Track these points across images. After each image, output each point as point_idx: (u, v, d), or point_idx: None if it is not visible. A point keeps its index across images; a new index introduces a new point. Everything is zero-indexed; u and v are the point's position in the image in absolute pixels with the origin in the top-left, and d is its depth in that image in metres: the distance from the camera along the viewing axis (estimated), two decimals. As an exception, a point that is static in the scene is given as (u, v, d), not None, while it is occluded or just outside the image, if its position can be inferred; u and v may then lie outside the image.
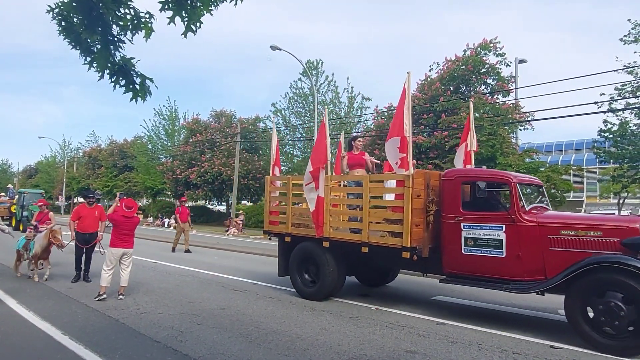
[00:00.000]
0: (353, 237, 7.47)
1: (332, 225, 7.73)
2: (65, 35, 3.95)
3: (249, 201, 36.85)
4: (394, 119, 7.44)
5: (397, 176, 7.03)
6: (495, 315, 7.28)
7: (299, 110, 30.76)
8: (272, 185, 9.14)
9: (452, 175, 7.08)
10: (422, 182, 6.87)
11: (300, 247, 8.28)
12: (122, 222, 7.67)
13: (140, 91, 4.12)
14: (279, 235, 8.85)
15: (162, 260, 12.82)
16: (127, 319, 6.38)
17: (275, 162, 9.64)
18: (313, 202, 7.65)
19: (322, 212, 7.59)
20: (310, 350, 5.25)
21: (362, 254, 7.38)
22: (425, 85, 20.59)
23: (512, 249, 6.27)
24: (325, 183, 7.62)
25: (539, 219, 6.32)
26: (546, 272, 6.07)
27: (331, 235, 7.66)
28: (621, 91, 17.06)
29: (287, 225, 8.43)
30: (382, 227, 7.15)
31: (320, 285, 7.82)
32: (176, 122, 38.76)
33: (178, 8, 3.97)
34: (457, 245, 6.69)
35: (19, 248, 9.36)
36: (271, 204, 9.23)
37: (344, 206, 8.35)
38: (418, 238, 6.76)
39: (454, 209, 6.78)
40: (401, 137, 6.95)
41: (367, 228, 7.18)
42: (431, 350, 5.37)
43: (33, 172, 62.25)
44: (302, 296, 8.05)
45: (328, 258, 7.74)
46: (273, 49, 22.20)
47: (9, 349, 5.11)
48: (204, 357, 4.94)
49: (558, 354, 5.35)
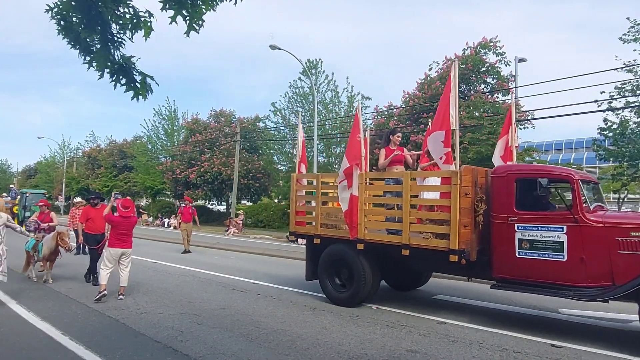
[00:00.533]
0: (391, 239, 6.97)
1: (367, 226, 7.26)
2: (64, 35, 3.94)
3: (248, 201, 36.83)
4: (438, 111, 6.88)
5: (442, 173, 6.54)
6: (496, 314, 7.27)
7: (298, 109, 30.73)
8: (299, 184, 8.65)
9: (503, 171, 6.57)
10: (469, 179, 6.35)
11: (330, 249, 7.79)
12: (119, 223, 7.65)
13: (141, 89, 4.11)
14: (306, 237, 8.43)
15: (162, 260, 12.82)
16: (127, 319, 6.37)
17: (301, 159, 9.13)
18: (346, 201, 7.19)
19: (357, 212, 7.13)
20: (311, 350, 5.25)
21: (399, 257, 6.94)
22: (425, 85, 20.58)
23: (574, 252, 5.75)
24: (359, 181, 7.17)
25: (605, 219, 5.81)
26: (614, 278, 5.58)
27: (366, 237, 7.17)
28: (621, 90, 17.05)
29: (316, 226, 7.98)
30: (426, 228, 6.62)
31: (353, 291, 7.33)
32: (175, 122, 38.74)
33: (179, 7, 3.96)
34: (510, 248, 6.16)
35: (28, 249, 9.34)
36: (297, 204, 8.66)
37: (376, 206, 7.85)
38: (466, 240, 6.27)
39: (506, 209, 6.25)
40: (446, 131, 6.45)
41: (408, 229, 6.67)
42: (432, 350, 5.37)
43: (32, 173, 62.19)
44: (333, 302, 7.60)
45: (362, 261, 7.25)
46: (272, 48, 22.17)
47: (9, 350, 5.10)
48: (204, 357, 4.93)
49: (559, 353, 5.34)
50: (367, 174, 7.52)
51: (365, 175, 7.37)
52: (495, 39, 19.43)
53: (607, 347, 5.57)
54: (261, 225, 29.32)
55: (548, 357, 5.17)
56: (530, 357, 5.16)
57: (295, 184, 8.60)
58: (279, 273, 10.93)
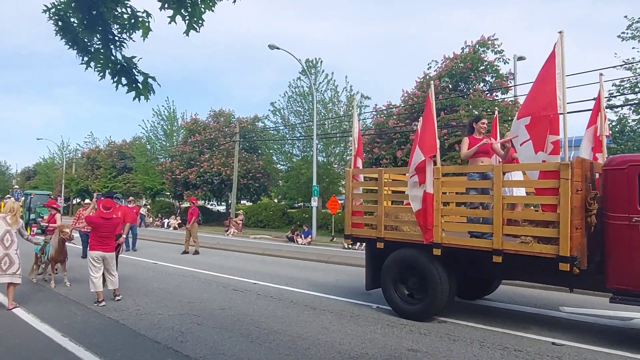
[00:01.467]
0: (478, 243, 6.02)
1: (444, 229, 6.35)
2: (62, 36, 3.92)
3: (248, 201, 36.81)
4: (540, 94, 5.76)
5: (548, 165, 5.51)
6: (497, 312, 7.27)
7: (298, 109, 30.72)
8: (355, 180, 7.71)
9: (622, 163, 5.56)
10: (580, 172, 5.44)
11: (397, 254, 6.91)
12: (100, 224, 7.28)
13: (143, 90, 4.10)
14: (367, 241, 7.58)
15: (162, 260, 12.80)
16: (127, 320, 6.36)
17: (357, 152, 8.11)
18: (418, 199, 6.36)
19: (431, 212, 6.26)
20: (312, 350, 5.24)
21: (485, 265, 6.13)
22: (424, 83, 20.56)
23: None
24: (435, 176, 6.33)
25: None
26: None
27: (444, 241, 6.25)
28: (620, 87, 17.08)
29: (379, 228, 7.05)
30: (525, 232, 5.69)
31: (427, 302, 6.51)
32: (175, 122, 38.72)
33: (178, 6, 3.95)
34: (632, 254, 5.26)
35: (36, 251, 9.32)
36: (354, 203, 7.65)
37: (453, 205, 7.05)
38: (578, 245, 5.34)
39: (627, 207, 5.34)
40: (552, 116, 5.45)
41: (501, 232, 5.75)
42: (433, 349, 5.36)
43: (31, 174, 62.13)
44: (400, 315, 6.79)
45: (438, 268, 6.39)
46: (271, 48, 22.17)
47: (9, 351, 5.08)
48: (204, 357, 4.92)
49: (560, 351, 5.33)
50: (444, 168, 6.73)
51: (440, 169, 6.46)
52: (494, 36, 19.42)
53: (608, 345, 5.57)
54: (261, 225, 29.31)
55: (549, 356, 5.17)
56: (531, 356, 5.15)
57: (351, 181, 7.66)
58: (279, 273, 10.92)
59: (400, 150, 19.42)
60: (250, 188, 31.53)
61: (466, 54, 19.67)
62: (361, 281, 8.09)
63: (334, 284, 9.62)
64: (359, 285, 9.23)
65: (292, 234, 20.82)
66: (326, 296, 8.26)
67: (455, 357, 5.09)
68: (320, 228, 23.94)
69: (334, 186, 30.17)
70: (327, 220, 24.64)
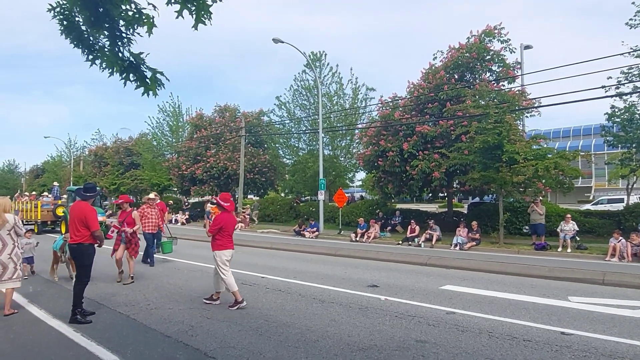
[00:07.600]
0: None
1: None
2: (66, 35, 3.94)
3: (255, 195, 36.90)
4: None
5: None
6: (505, 303, 7.26)
7: (303, 103, 30.68)
8: None
9: None
10: None
11: None
12: (230, 222, 7.60)
13: (152, 85, 4.12)
14: None
15: (170, 255, 12.88)
16: (137, 315, 6.43)
17: None
18: None
19: None
20: (321, 342, 5.27)
21: None
22: (430, 74, 20.41)
23: None
24: None
25: None
26: None
27: None
28: (628, 75, 16.85)
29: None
30: None
31: None
32: (180, 118, 38.82)
33: (185, 1, 3.95)
34: None
35: (56, 249, 9.06)
36: None
37: None
38: None
39: None
40: None
41: None
42: (441, 340, 5.37)
43: (40, 172, 62.65)
44: None
45: None
46: (275, 41, 22.11)
47: (22, 347, 5.16)
48: (214, 350, 4.97)
49: (569, 340, 5.32)
50: None
51: None
52: (500, 25, 19.20)
53: (617, 334, 5.56)
54: (268, 220, 29.39)
55: (558, 345, 5.16)
56: (540, 345, 5.15)
57: None
58: (287, 267, 10.96)
59: (406, 142, 19.32)
60: (256, 182, 31.59)
61: (472, 44, 19.49)
62: (369, 273, 8.04)
63: (342, 276, 9.65)
64: (367, 278, 9.26)
65: (300, 228, 20.88)
66: (334, 289, 8.29)
67: (464, 348, 5.10)
68: (327, 221, 23.97)
69: (340, 179, 30.14)
70: (334, 213, 24.65)
